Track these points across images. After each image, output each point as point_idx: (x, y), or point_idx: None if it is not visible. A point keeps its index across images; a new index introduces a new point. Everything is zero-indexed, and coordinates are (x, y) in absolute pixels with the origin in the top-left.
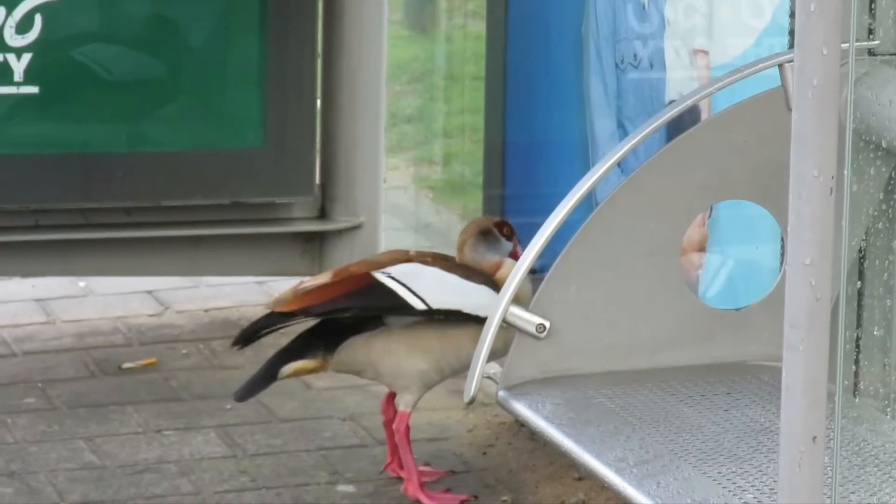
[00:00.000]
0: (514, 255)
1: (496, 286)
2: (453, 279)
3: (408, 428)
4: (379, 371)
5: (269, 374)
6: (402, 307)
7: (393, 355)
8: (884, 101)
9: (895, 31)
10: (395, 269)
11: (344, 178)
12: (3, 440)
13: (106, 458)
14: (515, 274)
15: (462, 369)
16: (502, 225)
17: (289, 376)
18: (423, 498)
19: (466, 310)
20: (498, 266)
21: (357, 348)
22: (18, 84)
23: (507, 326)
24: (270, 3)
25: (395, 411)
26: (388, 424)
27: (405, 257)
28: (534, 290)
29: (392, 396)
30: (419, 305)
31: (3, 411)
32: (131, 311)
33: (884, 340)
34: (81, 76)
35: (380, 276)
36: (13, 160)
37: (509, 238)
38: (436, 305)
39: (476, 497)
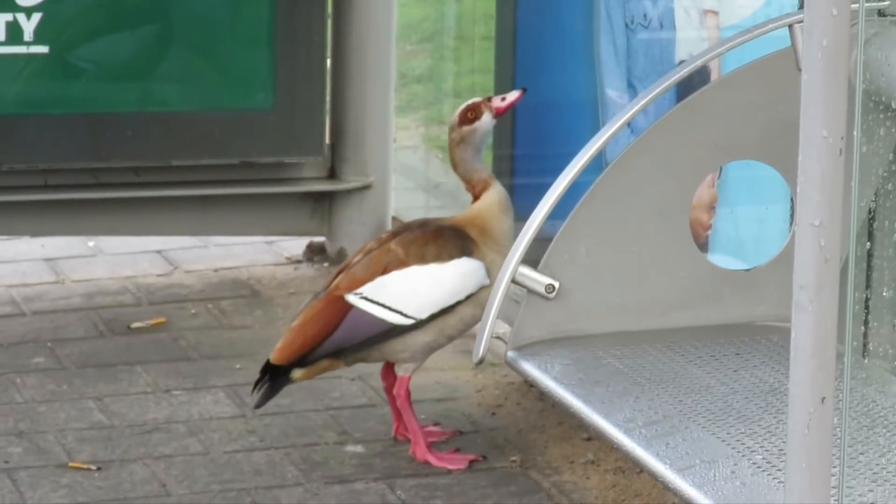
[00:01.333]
0: (497, 111)
1: (469, 239)
2: (427, 273)
3: (408, 392)
4: (384, 351)
5: (283, 380)
6: (391, 329)
7: (397, 336)
8: (893, 62)
9: None
10: (368, 289)
11: (354, 138)
12: (13, 399)
13: (115, 417)
14: (524, 235)
15: (467, 329)
16: (466, 113)
17: (302, 378)
18: (431, 459)
19: (448, 303)
20: (485, 186)
21: None
22: (28, 44)
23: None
24: None
25: (395, 376)
26: (388, 390)
27: (382, 265)
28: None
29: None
30: (405, 322)
31: (13, 371)
32: (140, 271)
33: (893, 301)
34: (91, 36)
35: (355, 300)
36: (23, 120)
37: (478, 116)
38: (419, 316)
39: (485, 457)
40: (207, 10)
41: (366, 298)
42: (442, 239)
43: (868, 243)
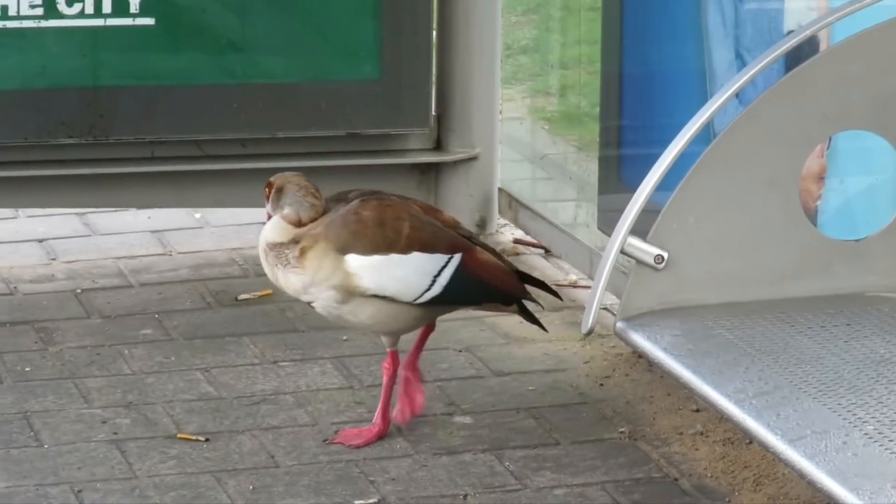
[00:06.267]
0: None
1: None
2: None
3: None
4: None
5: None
6: None
7: None
8: None
9: None
10: None
11: (459, 110)
12: (121, 371)
13: (222, 389)
14: (633, 205)
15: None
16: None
17: None
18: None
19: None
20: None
21: None
22: (134, 16)
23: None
24: None
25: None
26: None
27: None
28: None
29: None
30: None
31: (121, 342)
32: (247, 243)
33: None
34: (196, 8)
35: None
36: (129, 92)
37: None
38: None
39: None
40: None
41: None
42: None
43: None
